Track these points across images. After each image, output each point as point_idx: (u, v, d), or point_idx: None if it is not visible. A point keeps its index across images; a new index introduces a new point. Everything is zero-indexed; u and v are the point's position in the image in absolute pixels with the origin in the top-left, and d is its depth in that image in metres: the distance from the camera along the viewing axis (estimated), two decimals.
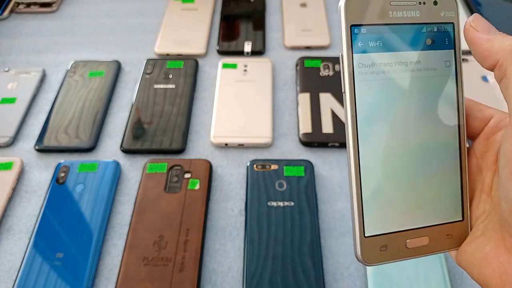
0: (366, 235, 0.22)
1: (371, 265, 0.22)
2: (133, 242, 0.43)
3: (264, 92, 0.56)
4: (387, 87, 0.22)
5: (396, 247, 0.22)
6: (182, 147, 0.51)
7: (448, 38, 0.23)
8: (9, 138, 0.53)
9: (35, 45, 0.66)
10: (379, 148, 0.22)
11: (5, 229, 0.45)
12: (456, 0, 0.23)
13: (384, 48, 0.22)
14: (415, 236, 0.23)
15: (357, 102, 0.22)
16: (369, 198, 0.22)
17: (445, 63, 0.23)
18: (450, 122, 0.23)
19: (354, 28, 0.21)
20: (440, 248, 0.23)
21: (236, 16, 0.69)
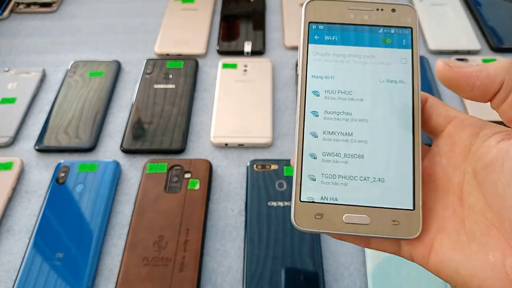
0: (302, 199, 0.23)
1: (303, 230, 0.22)
2: (133, 242, 0.43)
3: (264, 92, 0.56)
4: (339, 72, 0.25)
5: (332, 219, 0.22)
6: (182, 147, 0.51)
7: (405, 40, 0.25)
8: (9, 138, 0.53)
9: (35, 45, 0.66)
10: (326, 122, 0.24)
11: (5, 229, 0.45)
12: (415, 9, 0.25)
13: (339, 42, 0.25)
14: (355, 212, 0.23)
15: (308, 83, 0.24)
16: (310, 164, 0.23)
17: (401, 60, 0.25)
18: (403, 109, 0.24)
19: (312, 25, 0.25)
20: (383, 232, 0.22)
21: (236, 16, 0.69)
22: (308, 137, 0.24)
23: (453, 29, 0.65)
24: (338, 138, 0.24)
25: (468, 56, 0.60)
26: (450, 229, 0.21)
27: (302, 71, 0.25)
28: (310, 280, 0.40)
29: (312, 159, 0.23)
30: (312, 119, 0.24)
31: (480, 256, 0.20)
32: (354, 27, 0.25)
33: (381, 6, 0.25)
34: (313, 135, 0.24)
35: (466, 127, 0.22)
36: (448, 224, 0.22)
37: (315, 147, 0.24)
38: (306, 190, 0.23)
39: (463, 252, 0.20)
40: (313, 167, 0.23)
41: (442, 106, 0.24)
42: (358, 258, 0.42)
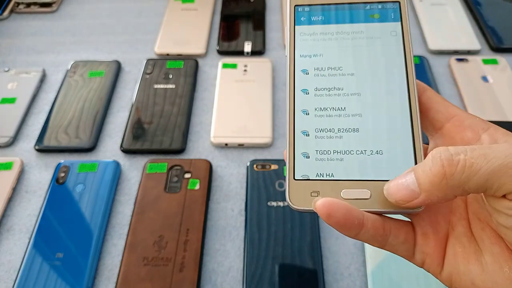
0: (296, 177, 0.22)
1: (299, 209, 0.21)
2: (133, 242, 0.43)
3: (264, 92, 0.56)
4: (328, 50, 0.24)
5: (329, 196, 0.21)
6: (182, 147, 0.51)
7: (394, 13, 0.25)
8: (9, 138, 0.53)
9: (35, 45, 0.66)
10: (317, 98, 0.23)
11: (5, 229, 0.45)
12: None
13: (325, 21, 0.25)
14: (353, 187, 0.21)
15: (296, 63, 0.24)
16: (302, 141, 0.22)
17: (391, 32, 0.24)
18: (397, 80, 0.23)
19: (298, 7, 0.25)
20: (384, 207, 0.21)
21: (236, 16, 0.69)
22: (299, 115, 0.23)
23: (453, 29, 0.65)
24: (331, 114, 0.23)
25: (468, 56, 0.61)
26: (461, 235, 0.20)
27: (290, 52, 0.24)
28: (310, 280, 0.40)
29: (304, 136, 0.23)
30: (303, 97, 0.23)
31: (495, 267, 0.19)
32: (341, 5, 0.25)
33: None
34: (304, 113, 0.23)
35: (466, 128, 0.21)
36: (458, 229, 0.21)
37: (307, 124, 0.23)
38: (300, 167, 0.22)
39: (478, 263, 0.19)
40: (306, 144, 0.22)
41: (441, 101, 0.23)
42: (358, 258, 0.42)
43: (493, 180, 0.17)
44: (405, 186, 0.19)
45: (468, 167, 0.17)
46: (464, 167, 0.17)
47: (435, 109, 0.22)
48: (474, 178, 0.17)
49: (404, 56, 0.24)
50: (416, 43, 0.64)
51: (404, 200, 0.19)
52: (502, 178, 0.17)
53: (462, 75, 0.58)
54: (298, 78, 0.24)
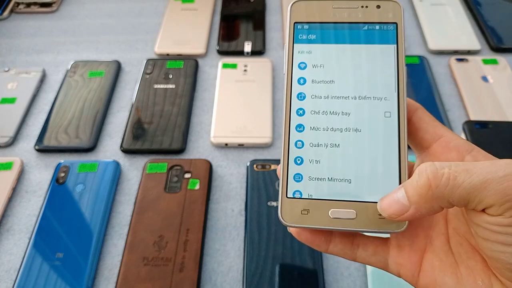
0: (288, 195, 0.23)
1: (290, 226, 0.23)
2: (133, 242, 0.43)
3: (264, 92, 0.56)
4: (324, 70, 0.25)
5: (318, 214, 0.22)
6: (182, 147, 0.51)
7: (391, 36, 0.25)
8: (9, 138, 0.53)
9: (35, 45, 0.66)
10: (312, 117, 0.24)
11: (5, 229, 0.45)
12: (400, 4, 0.25)
13: (324, 41, 0.25)
14: (341, 207, 0.22)
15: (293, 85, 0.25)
16: (296, 161, 0.24)
17: (386, 56, 0.25)
18: (388, 104, 0.24)
19: (297, 25, 0.25)
20: (370, 227, 0.22)
21: (236, 16, 0.69)
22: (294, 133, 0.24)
23: (453, 29, 0.65)
24: (324, 138, 0.24)
25: (468, 56, 0.60)
26: (439, 250, 0.22)
27: (288, 72, 0.25)
28: (310, 280, 0.40)
29: (298, 158, 0.24)
30: (298, 118, 0.24)
31: (469, 280, 0.20)
32: (339, 25, 0.25)
33: (366, 3, 0.25)
34: (299, 131, 0.24)
35: (452, 150, 0.22)
36: (436, 243, 0.22)
37: (302, 137, 0.24)
38: (292, 186, 0.23)
39: (453, 275, 0.20)
40: (299, 165, 0.24)
41: (430, 121, 0.24)
42: None
43: (475, 194, 0.18)
44: (396, 201, 0.20)
45: (452, 179, 0.18)
46: (449, 180, 0.18)
47: (424, 130, 0.23)
48: (458, 191, 0.18)
49: (397, 80, 0.24)
50: (416, 43, 0.64)
51: (396, 214, 0.20)
52: (483, 193, 0.18)
53: (462, 75, 0.58)
54: (294, 100, 0.24)
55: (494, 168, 0.18)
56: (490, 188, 0.18)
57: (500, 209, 0.18)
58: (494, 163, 0.18)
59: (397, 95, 0.24)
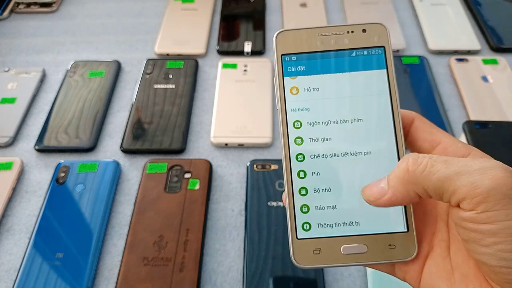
0: (299, 237, 0.23)
1: (304, 267, 0.22)
2: (133, 242, 0.43)
3: (264, 92, 0.56)
4: (317, 104, 0.24)
5: (330, 252, 0.23)
6: (182, 147, 0.51)
7: (380, 60, 0.25)
8: (9, 138, 0.53)
9: (35, 45, 0.66)
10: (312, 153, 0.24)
11: (5, 229, 0.45)
12: (385, 26, 0.25)
13: (314, 71, 0.24)
14: (351, 242, 0.23)
15: (288, 119, 0.24)
16: (302, 201, 0.23)
17: (378, 82, 0.24)
18: (386, 134, 0.24)
19: (285, 57, 0.25)
20: (381, 258, 0.22)
21: (236, 16, 0.69)
22: (296, 175, 0.24)
23: (453, 29, 0.65)
24: (326, 174, 0.24)
25: (468, 56, 0.61)
26: (438, 256, 0.22)
27: (281, 106, 0.24)
28: (310, 280, 0.40)
29: (302, 196, 0.24)
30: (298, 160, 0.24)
31: (461, 286, 0.20)
32: (327, 53, 0.25)
33: (351, 28, 0.25)
34: (301, 173, 0.24)
35: (449, 155, 0.22)
36: (436, 250, 0.22)
37: (305, 183, 0.24)
38: (301, 227, 0.23)
39: (448, 281, 0.21)
40: (305, 203, 0.23)
41: (428, 129, 0.24)
42: None
43: (448, 184, 0.18)
44: (376, 185, 0.21)
45: (429, 167, 0.19)
46: (425, 166, 0.19)
47: (422, 139, 0.24)
48: (433, 178, 0.19)
49: (391, 102, 0.24)
50: (416, 43, 0.64)
51: (374, 197, 0.21)
52: (455, 183, 0.18)
53: (462, 75, 0.58)
54: (291, 136, 0.24)
55: (471, 162, 0.18)
56: (463, 179, 0.18)
57: (471, 203, 0.18)
58: (473, 159, 0.19)
59: (392, 114, 0.24)
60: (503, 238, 0.17)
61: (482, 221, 0.18)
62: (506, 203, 0.17)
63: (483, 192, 0.17)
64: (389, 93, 0.24)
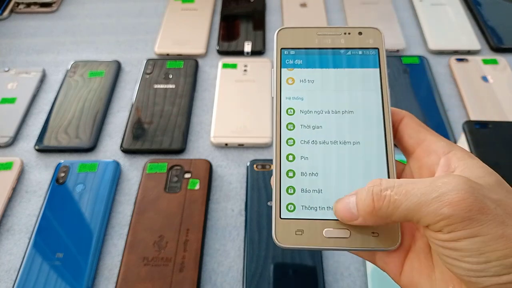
0: (282, 216, 0.23)
1: (285, 247, 0.23)
2: (133, 242, 0.43)
3: (264, 92, 0.56)
4: (311, 94, 0.26)
5: (312, 234, 0.23)
6: (182, 147, 0.51)
7: (374, 60, 0.26)
8: (9, 138, 0.53)
9: (35, 45, 0.66)
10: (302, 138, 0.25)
11: (5, 229, 0.45)
12: (381, 31, 0.26)
13: (311, 65, 0.26)
14: (334, 227, 0.23)
15: (282, 106, 0.26)
16: (288, 183, 0.24)
17: (371, 79, 0.26)
18: (375, 128, 0.25)
19: (284, 50, 0.27)
20: (364, 245, 0.23)
21: (236, 16, 0.69)
22: (284, 157, 0.24)
23: (453, 29, 0.65)
24: (314, 154, 0.24)
25: (468, 56, 0.61)
26: (420, 251, 0.22)
27: (277, 94, 0.26)
28: (310, 280, 0.40)
29: (289, 177, 0.24)
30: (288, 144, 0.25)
31: (442, 285, 0.21)
32: (324, 50, 0.26)
33: (348, 30, 0.27)
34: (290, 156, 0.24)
35: (431, 153, 0.23)
36: (418, 244, 0.23)
37: (292, 166, 0.24)
38: (286, 205, 0.24)
39: (428, 278, 0.21)
40: (291, 185, 0.24)
41: (415, 127, 0.24)
42: (358, 258, 0.42)
43: (412, 215, 0.19)
44: (347, 209, 0.22)
45: (392, 202, 0.20)
46: (389, 203, 0.20)
47: (408, 135, 0.24)
48: (397, 213, 0.20)
49: (382, 99, 0.25)
50: (416, 43, 0.64)
51: (346, 220, 0.22)
52: (418, 214, 0.19)
53: (462, 75, 0.58)
54: (284, 119, 0.25)
55: (430, 189, 0.19)
56: (423, 210, 0.19)
57: (436, 227, 0.19)
58: (432, 183, 0.19)
59: (382, 110, 0.25)
60: (469, 253, 0.18)
61: (448, 240, 0.19)
62: (467, 224, 0.18)
63: (444, 218, 0.18)
64: (380, 91, 0.25)
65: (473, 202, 0.18)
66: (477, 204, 0.18)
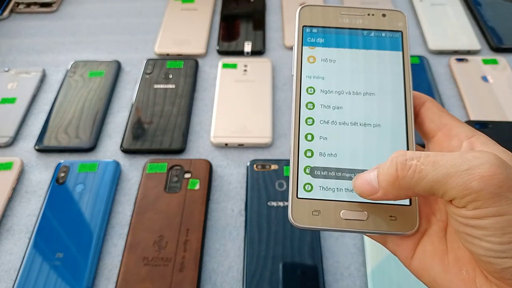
0: (299, 196, 0.23)
1: (300, 227, 0.22)
2: (133, 242, 0.43)
3: (264, 92, 0.56)
4: (332, 73, 0.25)
5: (329, 215, 0.22)
6: (182, 147, 0.51)
7: (397, 43, 0.26)
8: (9, 138, 0.53)
9: (35, 45, 0.66)
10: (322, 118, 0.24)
11: (5, 229, 0.45)
12: (404, 14, 0.26)
13: (333, 44, 0.26)
14: (352, 209, 0.23)
15: (302, 84, 0.25)
16: (306, 161, 0.24)
17: (393, 62, 0.25)
18: (396, 110, 0.25)
19: (306, 28, 0.26)
20: (381, 228, 0.22)
21: (236, 16, 0.69)
22: (303, 137, 0.24)
23: (453, 29, 0.65)
24: (334, 134, 0.24)
25: (468, 56, 0.60)
26: (434, 235, 0.22)
27: (297, 72, 0.25)
28: (310, 280, 0.40)
29: (307, 156, 0.24)
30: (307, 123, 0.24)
31: (454, 269, 0.20)
32: (347, 30, 0.26)
33: (372, 12, 0.26)
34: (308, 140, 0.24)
35: (453, 138, 0.23)
36: (433, 228, 0.22)
37: (311, 145, 0.24)
38: (303, 186, 0.23)
39: (441, 262, 0.21)
40: (309, 163, 0.24)
41: (437, 111, 0.24)
42: (358, 258, 0.42)
43: (438, 187, 0.19)
44: (368, 182, 0.21)
45: (417, 172, 0.19)
46: (414, 172, 0.19)
47: (430, 119, 0.24)
48: (422, 183, 0.19)
49: (404, 84, 0.25)
50: (416, 43, 0.64)
51: (366, 194, 0.21)
52: (445, 186, 0.18)
53: (462, 75, 0.58)
54: (304, 99, 0.25)
55: (460, 161, 0.18)
56: (451, 182, 0.18)
57: (462, 201, 0.18)
58: (462, 155, 0.19)
59: (404, 93, 0.25)
60: (492, 231, 0.18)
61: (472, 217, 0.18)
62: (495, 201, 0.17)
63: (472, 193, 0.18)
64: (403, 74, 0.25)
65: (505, 179, 0.17)
66: (508, 181, 0.17)
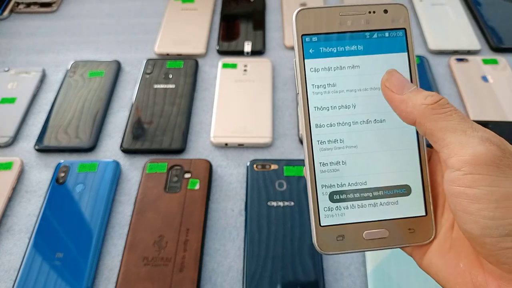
0: (322, 224, 0.23)
1: (328, 254, 0.23)
2: (133, 242, 0.43)
3: (264, 92, 0.56)
4: (340, 90, 0.24)
5: (353, 238, 0.23)
6: (182, 147, 0.51)
7: (400, 43, 0.25)
8: (9, 138, 0.53)
9: (35, 45, 0.66)
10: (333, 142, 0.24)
11: (5, 229, 0.45)
12: (406, 7, 0.25)
13: (335, 53, 0.24)
14: (373, 228, 0.23)
15: (310, 103, 0.24)
16: (324, 189, 0.24)
17: (399, 65, 0.24)
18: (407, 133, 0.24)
19: (305, 37, 0.24)
20: (402, 242, 0.23)
21: (236, 16, 0.69)
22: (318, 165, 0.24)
23: (453, 29, 0.65)
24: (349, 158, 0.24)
25: (468, 56, 0.60)
26: (441, 234, 0.23)
27: (302, 89, 0.24)
28: (310, 280, 0.40)
29: (325, 184, 0.24)
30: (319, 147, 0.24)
31: (453, 262, 0.21)
32: (348, 34, 0.24)
33: (373, 8, 0.24)
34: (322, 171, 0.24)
35: None
36: (441, 230, 0.23)
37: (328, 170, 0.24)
38: (324, 214, 0.23)
39: (443, 258, 0.22)
40: (328, 190, 0.24)
41: None
42: (358, 258, 0.42)
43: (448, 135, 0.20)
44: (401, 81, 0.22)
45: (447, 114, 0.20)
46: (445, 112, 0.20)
47: None
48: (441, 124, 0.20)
49: None
50: (416, 43, 0.64)
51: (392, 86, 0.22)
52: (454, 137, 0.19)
53: (462, 75, 0.58)
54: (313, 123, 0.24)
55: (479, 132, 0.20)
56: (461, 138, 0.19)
57: (459, 160, 0.19)
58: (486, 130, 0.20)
59: None
60: (486, 204, 0.18)
61: (467, 185, 0.18)
62: (493, 170, 0.18)
63: (472, 153, 0.18)
64: (409, 74, 0.24)
65: (506, 155, 0.18)
66: (509, 158, 0.18)
